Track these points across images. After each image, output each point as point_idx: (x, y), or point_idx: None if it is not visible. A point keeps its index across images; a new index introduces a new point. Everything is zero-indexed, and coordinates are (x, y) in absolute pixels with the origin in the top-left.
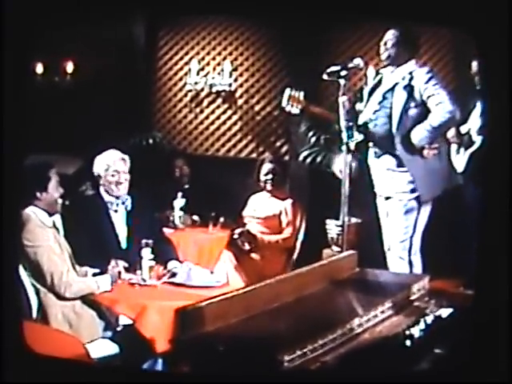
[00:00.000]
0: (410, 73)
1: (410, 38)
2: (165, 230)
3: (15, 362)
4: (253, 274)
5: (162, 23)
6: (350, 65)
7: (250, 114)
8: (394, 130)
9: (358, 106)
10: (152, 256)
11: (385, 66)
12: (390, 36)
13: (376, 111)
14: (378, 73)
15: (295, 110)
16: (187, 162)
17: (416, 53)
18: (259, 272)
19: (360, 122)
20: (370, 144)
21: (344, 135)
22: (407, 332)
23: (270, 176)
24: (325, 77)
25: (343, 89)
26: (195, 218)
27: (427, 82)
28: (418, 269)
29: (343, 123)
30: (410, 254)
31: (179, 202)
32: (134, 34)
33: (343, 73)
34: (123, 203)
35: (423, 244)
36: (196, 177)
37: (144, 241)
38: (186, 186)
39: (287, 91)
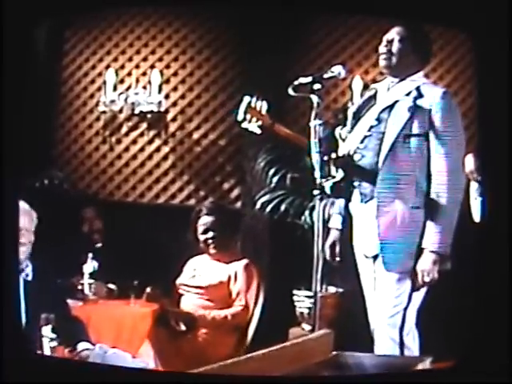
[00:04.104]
0: (418, 88)
1: (422, 40)
2: (70, 302)
3: (15, 362)
4: (190, 360)
5: (66, 19)
6: (327, 75)
7: (186, 144)
8: (379, 164)
9: (340, 132)
10: (54, 336)
11: (381, 78)
12: (395, 36)
13: (365, 138)
14: (366, 86)
15: (254, 127)
16: (99, 212)
17: (427, 63)
18: (199, 358)
19: (342, 152)
20: (355, 184)
21: (317, 173)
22: None
23: (209, 234)
24: (291, 92)
25: (316, 108)
26: (111, 286)
27: (441, 112)
28: (411, 353)
29: (316, 156)
30: (401, 334)
31: (89, 265)
32: (27, 34)
33: (316, 86)
34: (22, 271)
35: (420, 320)
36: (112, 232)
37: (43, 316)
38: (99, 245)
39: (245, 100)
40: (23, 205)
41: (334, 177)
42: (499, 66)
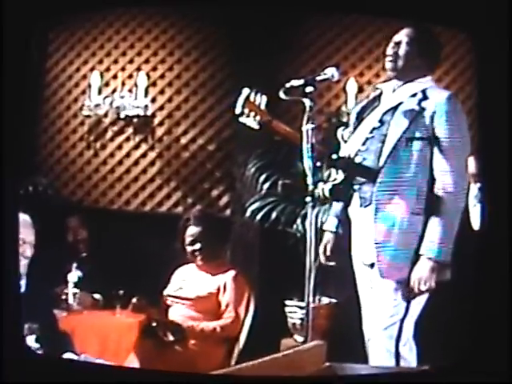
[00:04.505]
0: (424, 91)
1: (430, 44)
2: (55, 312)
3: (15, 362)
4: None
5: (49, 20)
6: (320, 77)
7: (173, 149)
8: (380, 165)
9: (342, 133)
10: (38, 346)
11: (387, 80)
12: (403, 38)
13: (367, 140)
14: (361, 89)
15: (252, 122)
16: (84, 219)
17: (436, 67)
18: (187, 369)
19: (343, 154)
20: (355, 187)
21: (309, 179)
22: None
23: (197, 246)
24: (282, 95)
25: (309, 112)
26: (97, 296)
27: (446, 115)
28: (408, 364)
29: (308, 162)
30: (397, 345)
31: (74, 275)
32: (7, 36)
33: (309, 89)
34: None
35: (417, 332)
36: (97, 240)
37: (27, 326)
38: (84, 254)
39: (244, 92)
40: (24, 217)
41: (334, 178)
42: (499, 66)
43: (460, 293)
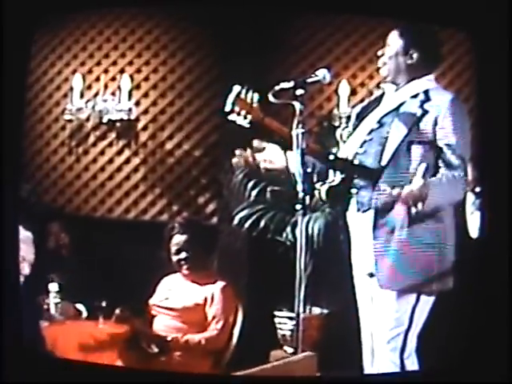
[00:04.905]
0: (426, 92)
1: (428, 42)
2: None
3: (15, 362)
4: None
5: (30, 21)
6: (311, 79)
7: (158, 154)
8: (380, 170)
9: (341, 133)
10: None
11: (386, 79)
12: (399, 37)
13: (365, 142)
14: (354, 91)
15: (242, 121)
16: (66, 227)
17: (437, 65)
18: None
19: (341, 155)
20: (353, 191)
21: (299, 186)
22: None
23: (182, 255)
24: (271, 98)
25: (299, 116)
26: (79, 306)
27: (449, 118)
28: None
29: (298, 168)
30: (402, 357)
31: (55, 284)
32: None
33: (299, 91)
34: None
35: (421, 342)
36: (79, 249)
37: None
38: (65, 263)
39: (235, 89)
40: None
41: (332, 181)
42: (500, 67)
43: (460, 299)
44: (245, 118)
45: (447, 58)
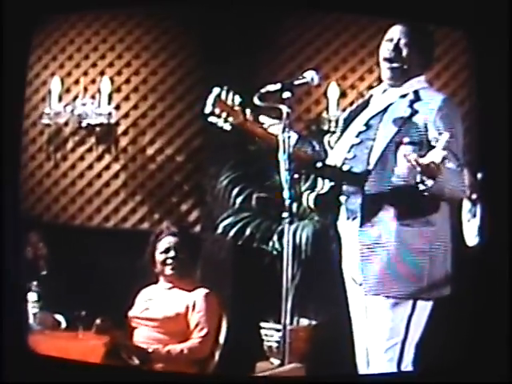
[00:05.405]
0: (416, 92)
1: (424, 42)
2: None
3: (15, 362)
4: None
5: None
6: (298, 81)
7: (139, 160)
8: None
9: (329, 139)
10: None
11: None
12: (399, 35)
13: (353, 147)
14: (344, 94)
15: (224, 124)
16: (43, 235)
17: (429, 66)
18: None
19: (329, 162)
20: (342, 198)
21: (285, 193)
22: None
23: (171, 253)
24: (257, 101)
25: (286, 120)
26: (58, 317)
27: (441, 119)
28: None
29: (284, 174)
30: (399, 368)
31: (33, 294)
32: None
33: (286, 94)
34: None
35: (418, 353)
36: (57, 258)
37: None
38: (44, 273)
39: (215, 91)
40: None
41: (321, 188)
42: (498, 67)
43: (459, 305)
44: (225, 120)
45: (442, 58)
